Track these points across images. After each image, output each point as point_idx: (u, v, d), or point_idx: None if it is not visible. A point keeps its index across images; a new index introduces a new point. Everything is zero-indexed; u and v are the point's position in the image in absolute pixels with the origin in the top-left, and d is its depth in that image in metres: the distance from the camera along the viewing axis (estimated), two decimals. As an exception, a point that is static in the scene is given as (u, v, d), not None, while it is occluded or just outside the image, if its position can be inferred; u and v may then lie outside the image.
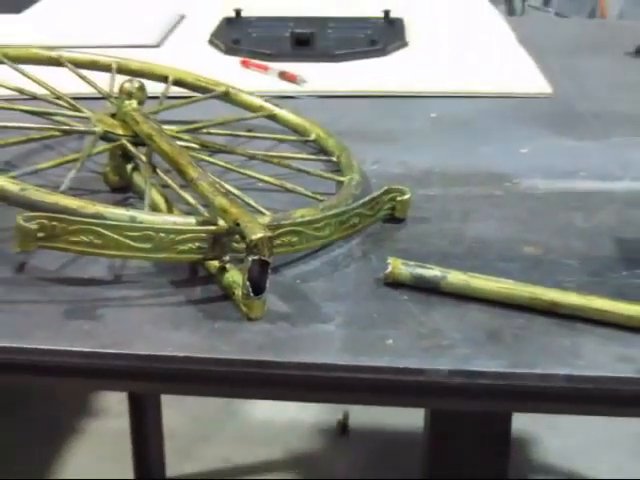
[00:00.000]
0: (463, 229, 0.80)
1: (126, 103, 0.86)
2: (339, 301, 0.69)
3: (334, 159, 0.91)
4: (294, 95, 1.12)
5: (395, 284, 0.70)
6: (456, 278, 0.69)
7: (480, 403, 0.66)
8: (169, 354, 0.63)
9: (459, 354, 0.63)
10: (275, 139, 0.97)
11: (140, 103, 0.88)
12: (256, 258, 0.65)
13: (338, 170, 0.89)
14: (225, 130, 0.94)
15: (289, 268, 0.73)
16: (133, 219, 0.68)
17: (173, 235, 0.67)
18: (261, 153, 0.89)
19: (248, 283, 0.65)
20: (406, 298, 0.69)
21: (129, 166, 0.85)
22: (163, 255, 0.68)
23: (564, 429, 1.95)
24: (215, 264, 0.70)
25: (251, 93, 1.01)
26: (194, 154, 0.84)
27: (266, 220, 0.71)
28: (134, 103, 0.87)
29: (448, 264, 0.71)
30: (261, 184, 0.85)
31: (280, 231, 0.70)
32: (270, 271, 0.66)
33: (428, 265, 0.70)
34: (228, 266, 0.70)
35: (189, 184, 0.76)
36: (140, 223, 0.68)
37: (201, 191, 0.73)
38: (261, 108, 0.99)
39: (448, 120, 1.06)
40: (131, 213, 0.69)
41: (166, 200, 0.78)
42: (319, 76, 1.18)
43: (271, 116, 0.99)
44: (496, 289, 0.68)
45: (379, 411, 1.99)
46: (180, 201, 0.78)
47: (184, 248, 0.67)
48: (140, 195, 0.83)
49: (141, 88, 0.89)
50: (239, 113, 0.99)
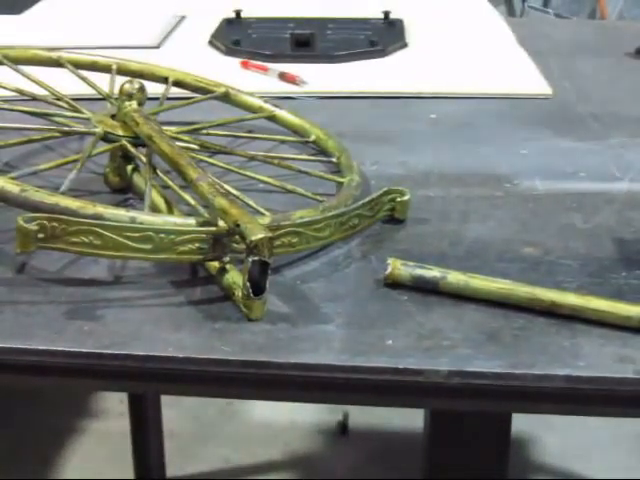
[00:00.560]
0: (463, 230, 0.80)
1: (126, 104, 0.86)
2: (339, 302, 0.69)
3: (334, 160, 0.91)
4: (294, 96, 1.12)
5: (395, 285, 0.70)
6: (455, 279, 0.69)
7: (479, 403, 0.66)
8: (169, 355, 0.63)
9: (459, 354, 0.63)
10: (275, 140, 0.97)
11: (140, 104, 0.88)
12: (256, 259, 0.65)
13: (338, 171, 0.89)
14: (225, 131, 0.95)
15: (289, 269, 0.73)
16: (133, 220, 0.68)
17: (173, 236, 0.67)
18: (261, 154, 0.89)
19: (248, 284, 0.65)
20: (406, 298, 0.69)
21: (129, 167, 0.85)
22: (163, 256, 0.68)
23: (563, 429, 1.95)
24: (215, 265, 0.71)
25: (251, 94, 1.01)
26: (194, 155, 0.85)
27: (266, 221, 0.71)
28: (134, 104, 0.87)
29: (448, 265, 0.71)
30: (261, 185, 0.85)
31: (280, 232, 0.70)
32: (270, 272, 0.66)
33: (428, 266, 0.70)
34: (228, 267, 0.70)
35: (189, 185, 0.76)
36: (140, 224, 0.68)
37: (201, 192, 0.73)
38: (261, 109, 0.99)
39: (448, 121, 1.06)
40: (131, 214, 0.69)
41: (166, 201, 0.78)
42: (319, 77, 1.18)
43: (271, 117, 0.99)
44: (495, 290, 0.68)
45: (379, 411, 1.99)
46: (180, 202, 0.78)
47: (184, 249, 0.68)
48: (140, 196, 0.83)
49: (141, 89, 0.89)
50: (239, 114, 0.99)
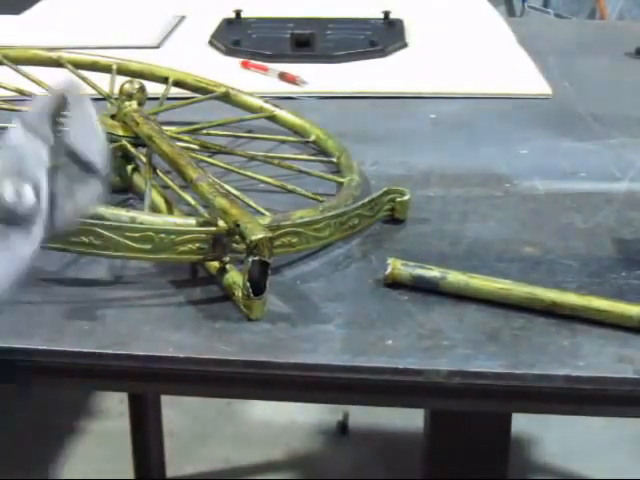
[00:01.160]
0: (463, 230, 0.80)
1: (126, 104, 0.86)
2: (339, 301, 0.69)
3: (334, 160, 0.91)
4: (294, 96, 1.12)
5: (395, 284, 0.70)
6: (456, 278, 0.69)
7: (479, 403, 0.66)
8: (169, 354, 0.63)
9: (458, 354, 0.63)
10: (275, 140, 0.97)
11: (140, 104, 0.88)
12: (256, 259, 0.65)
13: (338, 171, 0.89)
14: (225, 131, 0.95)
15: (289, 269, 0.73)
16: (133, 220, 0.68)
17: (173, 236, 0.67)
18: (261, 154, 0.89)
19: (248, 284, 0.65)
20: (406, 298, 0.69)
21: (129, 167, 0.85)
22: (163, 256, 0.68)
23: (563, 429, 1.95)
24: (215, 265, 0.71)
25: (251, 94, 1.01)
26: (194, 155, 0.85)
27: (266, 221, 0.71)
28: (134, 104, 0.87)
29: (448, 265, 0.71)
30: (261, 185, 0.85)
31: (280, 232, 0.70)
32: (270, 272, 0.66)
33: (428, 266, 0.70)
34: (228, 267, 0.70)
35: (189, 185, 0.76)
36: (140, 224, 0.68)
37: (201, 192, 0.73)
38: (261, 109, 0.99)
39: (448, 121, 1.06)
40: (131, 214, 0.69)
41: (166, 201, 0.78)
42: (319, 77, 1.18)
43: (271, 117, 0.99)
44: (495, 289, 0.68)
45: (379, 411, 1.99)
46: (180, 202, 0.78)
47: (184, 249, 0.68)
48: (140, 196, 0.83)
49: (141, 89, 0.89)
50: (239, 114, 0.99)
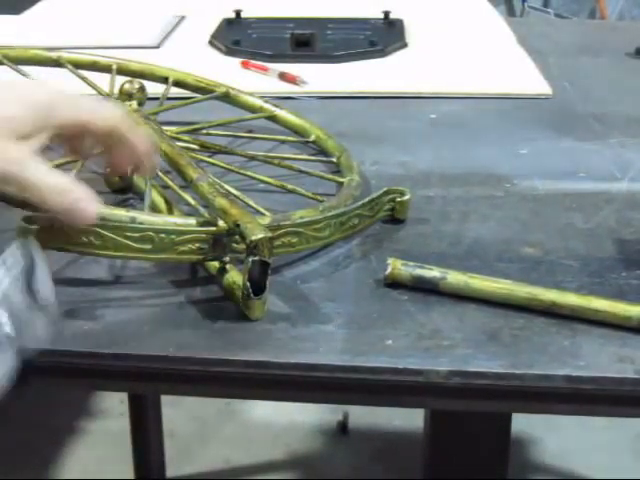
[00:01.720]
0: (462, 230, 0.80)
1: (126, 104, 0.86)
2: (339, 301, 0.69)
3: (334, 160, 0.91)
4: (294, 96, 1.12)
5: (395, 284, 0.70)
6: (455, 279, 0.69)
7: (479, 403, 0.66)
8: (169, 354, 0.63)
9: (458, 354, 0.63)
10: (275, 140, 0.97)
11: (140, 104, 0.88)
12: (256, 259, 0.65)
13: (338, 171, 0.89)
14: (225, 131, 0.95)
15: (289, 269, 0.73)
16: (133, 220, 0.68)
17: (173, 236, 0.67)
18: (261, 154, 0.89)
19: (248, 284, 0.65)
20: (406, 298, 0.69)
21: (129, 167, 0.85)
22: (163, 256, 0.68)
23: (563, 429, 1.95)
24: (215, 265, 0.71)
25: (251, 94, 1.01)
26: (194, 155, 0.85)
27: (266, 221, 0.71)
28: (134, 104, 0.87)
29: (447, 265, 0.71)
30: (261, 185, 0.85)
31: (280, 232, 0.70)
32: (270, 272, 0.66)
33: (428, 266, 0.70)
34: (228, 267, 0.70)
35: (189, 185, 0.76)
36: (140, 224, 0.68)
37: (201, 192, 0.73)
38: (261, 109, 0.99)
39: (448, 121, 1.06)
40: (131, 214, 0.69)
41: (166, 201, 0.78)
42: (319, 77, 1.18)
43: (271, 117, 0.99)
44: (495, 290, 0.68)
45: (379, 411, 1.99)
46: (180, 202, 0.78)
47: (184, 249, 0.68)
48: (140, 196, 0.83)
49: (141, 89, 0.89)
50: (239, 114, 0.99)
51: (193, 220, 0.70)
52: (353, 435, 2.01)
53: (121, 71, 1.01)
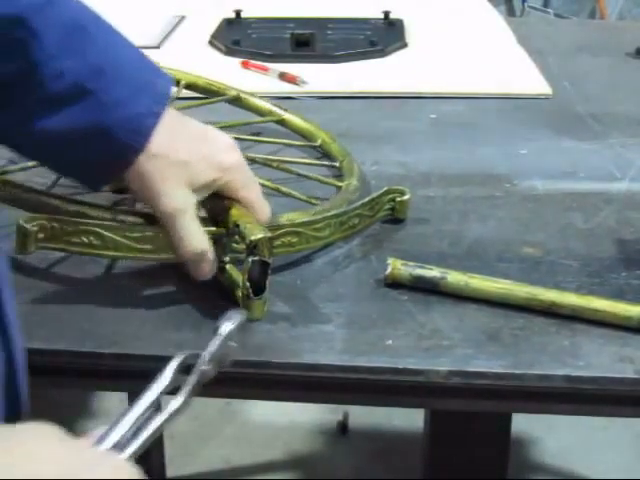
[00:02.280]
0: (462, 230, 0.80)
1: None
2: (339, 301, 0.69)
3: (336, 164, 0.91)
4: (294, 96, 1.12)
5: (395, 284, 0.70)
6: (455, 279, 0.69)
7: (479, 403, 0.67)
8: (169, 354, 0.63)
9: (458, 354, 0.63)
10: (280, 143, 0.97)
11: None
12: (256, 259, 0.65)
13: (340, 175, 0.89)
14: (230, 133, 0.94)
15: (289, 269, 0.73)
16: (133, 221, 0.68)
17: None
18: (261, 157, 0.89)
19: (248, 284, 0.65)
20: (406, 298, 0.69)
21: None
22: (163, 256, 0.68)
23: (563, 429, 1.95)
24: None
25: (261, 97, 1.01)
26: None
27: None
28: None
29: (447, 265, 0.71)
30: (263, 189, 0.85)
31: (280, 232, 0.70)
32: (270, 272, 0.66)
33: (428, 266, 0.70)
34: (228, 267, 0.70)
35: None
36: (140, 224, 0.68)
37: None
38: (270, 113, 0.99)
39: (448, 121, 1.06)
40: (130, 218, 0.69)
41: None
42: (319, 77, 1.18)
43: (280, 121, 0.99)
44: (495, 290, 0.68)
45: (379, 411, 1.99)
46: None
47: None
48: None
49: None
50: (243, 116, 0.99)
51: None
52: (353, 435, 2.01)
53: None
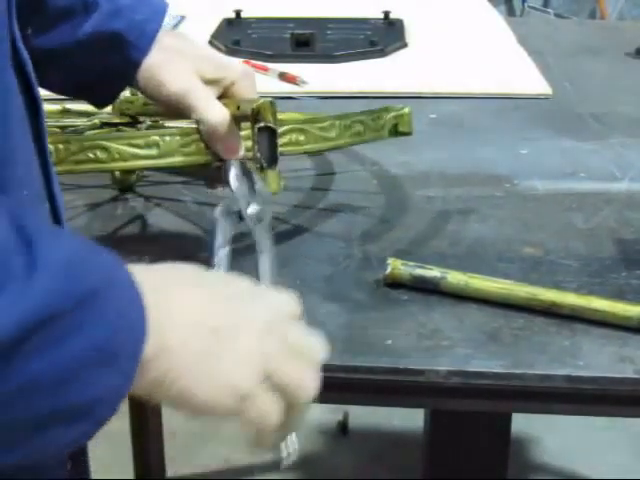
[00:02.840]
0: (463, 230, 0.80)
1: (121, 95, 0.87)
2: (339, 302, 0.69)
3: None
4: (294, 96, 1.12)
5: (395, 284, 0.70)
6: (456, 278, 0.69)
7: (480, 403, 0.66)
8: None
9: (459, 354, 0.63)
10: None
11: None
12: (262, 125, 0.65)
13: None
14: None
15: (289, 268, 0.73)
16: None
17: (178, 137, 0.67)
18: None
19: (259, 154, 0.65)
20: (406, 298, 0.69)
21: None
22: (170, 160, 0.67)
23: (563, 429, 1.95)
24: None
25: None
26: None
27: None
28: (127, 93, 0.87)
29: (448, 265, 0.71)
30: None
31: (285, 128, 0.70)
32: (278, 140, 0.66)
33: (428, 266, 0.70)
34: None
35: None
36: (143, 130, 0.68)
37: None
38: None
39: (448, 121, 1.06)
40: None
41: None
42: (319, 77, 1.18)
43: None
44: (495, 290, 0.68)
45: (379, 411, 1.99)
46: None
47: (191, 150, 0.68)
48: (139, 194, 0.83)
49: None
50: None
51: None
52: (353, 435, 2.01)
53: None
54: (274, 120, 0.65)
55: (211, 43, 1.33)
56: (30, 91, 0.54)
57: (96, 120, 0.85)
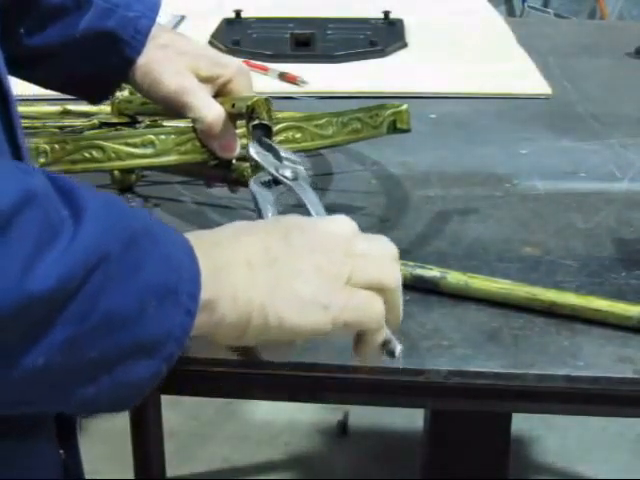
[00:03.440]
0: (462, 230, 0.80)
1: (117, 95, 0.86)
2: (339, 302, 0.68)
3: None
4: (294, 96, 1.12)
5: (395, 285, 0.70)
6: (455, 278, 0.69)
7: (479, 403, 0.66)
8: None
9: (458, 354, 0.63)
10: None
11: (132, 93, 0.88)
12: (256, 122, 0.65)
13: None
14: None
15: (289, 269, 0.73)
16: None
17: (174, 136, 0.67)
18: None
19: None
20: (406, 298, 0.69)
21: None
22: (166, 159, 0.67)
23: (563, 429, 1.95)
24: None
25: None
26: None
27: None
28: (125, 92, 0.87)
29: (447, 265, 0.71)
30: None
31: (281, 125, 0.70)
32: (274, 138, 0.66)
33: (428, 266, 0.70)
34: (235, 162, 0.71)
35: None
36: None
37: None
38: None
39: (447, 121, 1.06)
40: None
41: None
42: (319, 77, 1.18)
43: None
44: (495, 290, 0.68)
45: (379, 411, 1.99)
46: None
47: (187, 148, 0.67)
48: (138, 194, 0.83)
49: None
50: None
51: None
52: (353, 435, 2.01)
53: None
54: (269, 117, 0.65)
55: (211, 43, 1.33)
56: None
57: (95, 120, 0.85)
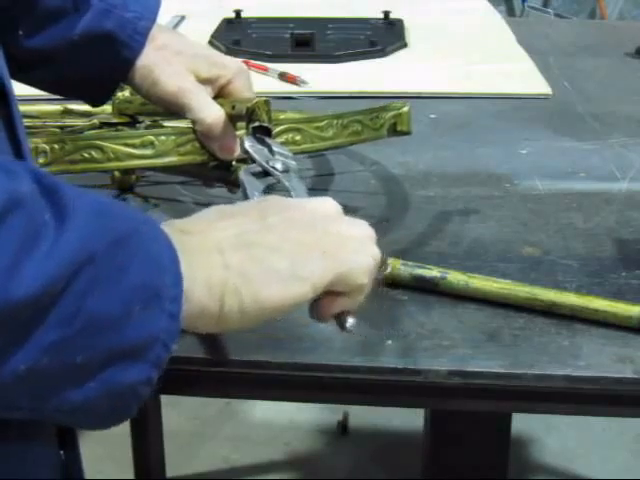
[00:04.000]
0: (462, 230, 0.80)
1: (118, 94, 0.86)
2: (339, 301, 0.68)
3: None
4: (294, 96, 1.12)
5: (395, 284, 0.70)
6: (455, 278, 0.69)
7: (479, 403, 0.66)
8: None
9: (458, 354, 0.63)
10: None
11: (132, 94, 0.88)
12: (256, 125, 0.65)
13: None
14: None
15: (289, 269, 0.73)
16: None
17: (173, 137, 0.67)
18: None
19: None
20: (406, 298, 0.69)
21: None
22: (166, 160, 0.67)
23: (563, 429, 1.95)
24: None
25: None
26: None
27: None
28: (126, 92, 0.87)
29: (447, 265, 0.71)
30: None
31: (281, 128, 0.70)
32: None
33: (428, 266, 0.70)
34: (235, 164, 0.71)
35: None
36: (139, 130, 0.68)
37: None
38: None
39: (447, 121, 1.06)
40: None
41: None
42: (319, 77, 1.18)
43: None
44: (495, 290, 0.68)
45: (379, 411, 1.99)
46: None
47: (186, 149, 0.67)
48: (138, 194, 0.83)
49: None
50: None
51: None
52: (353, 435, 2.01)
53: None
54: (269, 119, 0.65)
55: (211, 43, 1.33)
56: None
57: (95, 120, 0.85)
